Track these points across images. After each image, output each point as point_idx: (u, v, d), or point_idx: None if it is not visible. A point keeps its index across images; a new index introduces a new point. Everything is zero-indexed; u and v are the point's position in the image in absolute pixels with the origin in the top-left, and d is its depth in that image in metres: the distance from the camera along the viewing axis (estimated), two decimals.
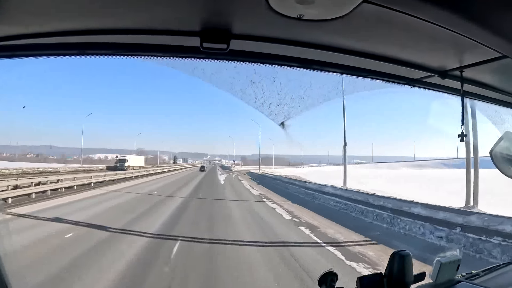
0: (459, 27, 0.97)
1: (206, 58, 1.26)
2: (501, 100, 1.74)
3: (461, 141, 1.38)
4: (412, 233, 9.31)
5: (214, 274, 5.81)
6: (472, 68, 1.34)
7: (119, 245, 7.52)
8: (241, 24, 1.07)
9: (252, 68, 1.32)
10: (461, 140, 1.38)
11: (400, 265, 1.28)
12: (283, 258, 6.80)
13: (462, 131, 1.38)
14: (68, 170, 36.63)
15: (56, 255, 6.59)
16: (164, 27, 1.11)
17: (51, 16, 1.01)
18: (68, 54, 1.35)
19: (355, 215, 12.68)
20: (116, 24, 1.09)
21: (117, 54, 1.36)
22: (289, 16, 0.94)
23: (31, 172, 30.44)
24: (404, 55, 1.28)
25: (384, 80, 1.49)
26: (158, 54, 1.30)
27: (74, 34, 1.13)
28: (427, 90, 1.57)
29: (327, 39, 1.15)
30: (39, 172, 31.41)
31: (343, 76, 1.39)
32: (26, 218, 10.42)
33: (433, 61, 1.34)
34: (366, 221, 11.57)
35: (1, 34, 1.08)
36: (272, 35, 1.13)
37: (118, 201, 15.14)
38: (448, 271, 1.46)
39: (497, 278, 1.63)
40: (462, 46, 1.13)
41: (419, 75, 1.48)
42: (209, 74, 1.29)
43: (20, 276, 5.04)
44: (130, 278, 5.51)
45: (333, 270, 1.33)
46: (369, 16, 0.94)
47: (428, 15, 0.91)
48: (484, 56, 1.21)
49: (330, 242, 8.25)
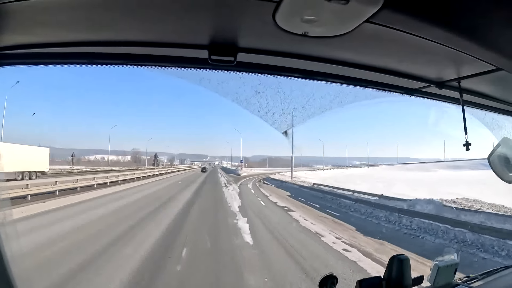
0: (454, 43, 1.02)
1: (213, 69, 1.30)
2: (497, 108, 1.79)
3: (466, 149, 1.40)
4: None
5: None
6: (468, 80, 1.39)
7: None
8: (248, 38, 1.12)
9: (257, 79, 1.37)
10: (466, 149, 1.40)
11: (399, 268, 1.32)
12: None
13: (467, 140, 1.41)
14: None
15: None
16: (174, 40, 1.15)
17: (62, 27, 1.05)
18: (78, 63, 1.36)
19: None
20: (126, 37, 1.13)
21: (126, 64, 1.38)
22: (295, 33, 0.99)
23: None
24: (402, 68, 1.33)
25: (384, 90, 1.54)
26: (166, 65, 1.33)
27: (84, 45, 1.17)
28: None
29: (330, 53, 1.20)
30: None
31: (344, 86, 1.44)
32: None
33: (431, 73, 1.39)
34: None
35: (12, 43, 1.11)
36: (278, 49, 1.18)
37: None
38: (446, 275, 1.49)
39: (495, 281, 1.65)
40: (458, 60, 1.18)
41: (417, 86, 1.53)
42: (215, 84, 1.34)
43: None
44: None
45: (333, 274, 1.37)
46: (370, 34, 0.99)
47: (425, 33, 0.97)
48: (479, 68, 1.26)
49: None
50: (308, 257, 6.98)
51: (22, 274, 1.01)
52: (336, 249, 7.75)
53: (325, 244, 8.23)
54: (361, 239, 8.93)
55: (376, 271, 6.10)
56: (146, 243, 7.60)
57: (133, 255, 6.70)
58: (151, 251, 7.04)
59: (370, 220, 12.18)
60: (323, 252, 7.54)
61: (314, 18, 0.89)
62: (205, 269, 6.05)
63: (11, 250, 1.09)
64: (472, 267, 6.32)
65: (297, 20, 0.91)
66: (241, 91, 1.36)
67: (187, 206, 13.98)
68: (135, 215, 11.44)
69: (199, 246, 7.64)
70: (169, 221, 10.51)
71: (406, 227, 10.65)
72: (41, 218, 10.35)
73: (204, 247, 7.66)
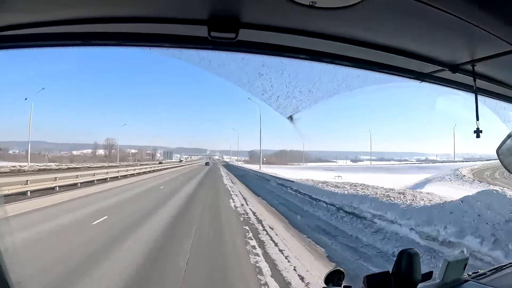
0: (473, 17, 0.96)
1: (213, 49, 1.23)
2: (510, 97, 1.73)
3: (477, 137, 1.37)
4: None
5: None
6: (483, 63, 1.33)
7: None
8: (251, 12, 1.05)
9: (260, 60, 1.30)
10: (476, 136, 1.37)
11: (408, 263, 1.26)
12: None
13: (478, 127, 1.37)
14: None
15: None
16: (171, 15, 1.08)
17: (54, 4, 0.99)
18: (72, 45, 1.30)
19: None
20: (122, 12, 1.07)
21: (122, 44, 1.32)
22: (301, 4, 0.92)
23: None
24: (415, 47, 1.26)
25: (394, 74, 1.48)
26: (164, 45, 1.27)
27: (78, 23, 1.10)
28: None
29: (338, 29, 1.13)
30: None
31: (352, 70, 1.37)
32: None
33: (445, 53, 1.32)
34: None
35: (2, 24, 1.04)
36: (282, 25, 1.11)
37: None
38: (455, 271, 1.46)
39: (504, 277, 1.62)
40: (475, 37, 1.11)
41: (429, 69, 1.46)
42: (216, 65, 1.28)
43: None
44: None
45: (340, 269, 1.32)
46: (382, 6, 0.93)
47: (443, 4, 0.90)
48: (496, 49, 1.19)
49: None
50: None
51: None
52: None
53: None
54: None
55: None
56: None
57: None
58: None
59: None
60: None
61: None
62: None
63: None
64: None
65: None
66: (244, 73, 1.29)
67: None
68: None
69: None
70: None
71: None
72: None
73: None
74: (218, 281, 5.55)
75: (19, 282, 1.10)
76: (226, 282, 5.52)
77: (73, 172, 28.87)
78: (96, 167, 44.11)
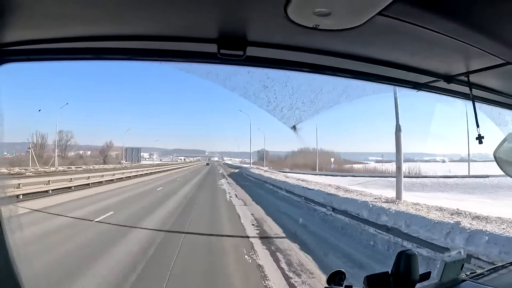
0: (465, 36, 1.02)
1: (221, 64, 1.29)
2: (506, 103, 1.78)
3: (479, 143, 1.38)
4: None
5: None
6: (477, 74, 1.38)
7: None
8: (258, 32, 1.11)
9: (265, 73, 1.36)
10: (479, 142, 1.38)
11: (407, 264, 1.31)
12: None
13: (479, 133, 1.40)
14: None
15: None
16: (182, 34, 1.13)
17: (67, 22, 1.02)
18: (83, 59, 1.33)
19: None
20: (133, 31, 1.11)
21: (133, 59, 1.34)
22: (305, 26, 0.98)
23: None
24: (412, 62, 1.33)
25: (392, 85, 1.53)
26: (174, 60, 1.31)
27: (90, 40, 1.14)
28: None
29: (340, 47, 1.20)
30: None
31: (352, 81, 1.43)
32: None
33: (440, 67, 1.38)
34: None
35: (17, 39, 1.09)
36: (287, 43, 1.17)
37: None
38: (453, 271, 1.48)
39: (502, 277, 1.64)
40: (468, 54, 1.18)
41: (425, 80, 1.52)
42: (223, 78, 1.34)
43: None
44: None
45: (341, 270, 1.36)
46: (381, 27, 0.99)
47: (436, 26, 0.97)
48: (489, 62, 1.25)
49: None
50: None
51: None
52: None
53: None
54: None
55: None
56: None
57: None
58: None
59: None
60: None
61: (326, 10, 0.88)
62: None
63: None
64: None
65: (309, 12, 0.90)
66: (249, 86, 1.35)
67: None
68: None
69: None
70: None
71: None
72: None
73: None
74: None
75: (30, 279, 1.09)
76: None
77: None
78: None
